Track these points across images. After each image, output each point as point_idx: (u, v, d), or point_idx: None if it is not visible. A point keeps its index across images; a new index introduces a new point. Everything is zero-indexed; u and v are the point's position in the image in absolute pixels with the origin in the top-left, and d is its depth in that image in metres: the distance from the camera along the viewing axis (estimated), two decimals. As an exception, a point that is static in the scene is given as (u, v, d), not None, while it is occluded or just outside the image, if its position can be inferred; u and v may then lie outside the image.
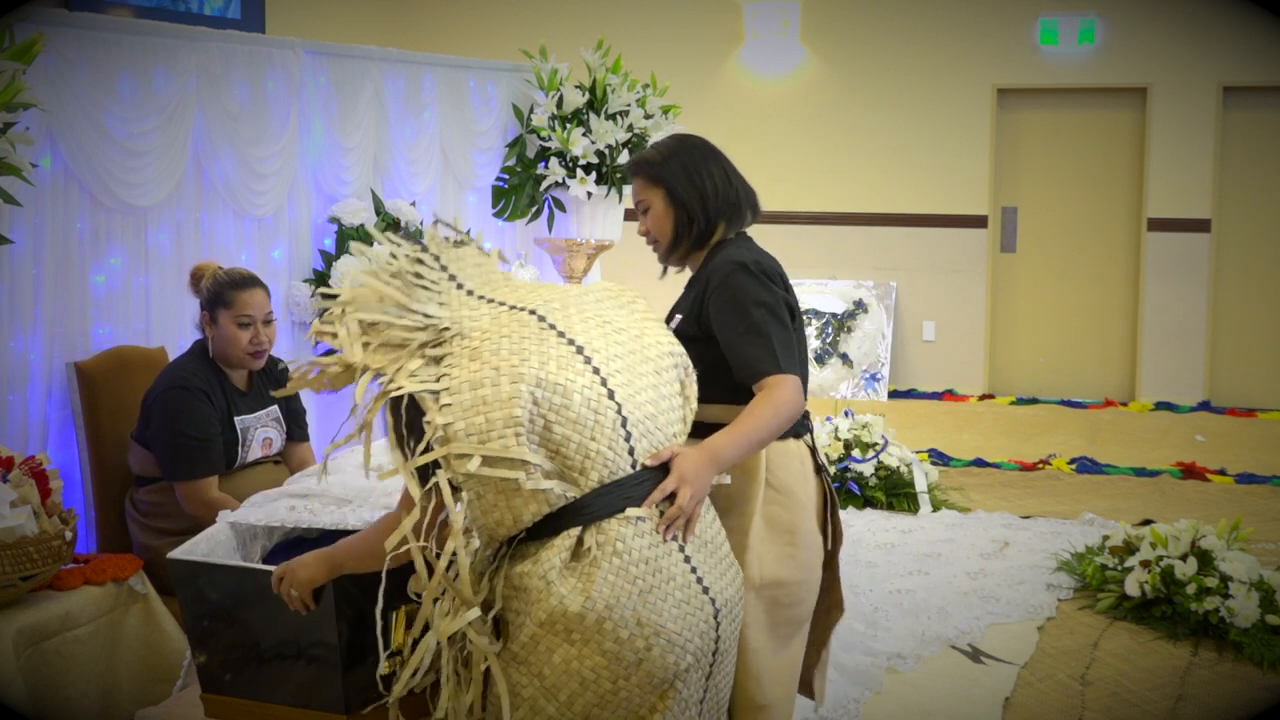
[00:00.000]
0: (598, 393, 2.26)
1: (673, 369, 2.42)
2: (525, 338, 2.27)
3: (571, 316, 2.36)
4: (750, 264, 2.68)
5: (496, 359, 2.23)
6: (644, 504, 2.27)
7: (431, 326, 2.30)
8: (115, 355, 3.99)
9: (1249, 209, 8.64)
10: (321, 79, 4.94)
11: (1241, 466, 6.98)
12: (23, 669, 2.98)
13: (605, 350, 2.32)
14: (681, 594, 2.26)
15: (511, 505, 2.21)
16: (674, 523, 2.29)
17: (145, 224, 4.17)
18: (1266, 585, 4.50)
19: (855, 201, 9.18)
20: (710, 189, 2.73)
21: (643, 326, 2.44)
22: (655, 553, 2.25)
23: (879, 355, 8.95)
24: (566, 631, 2.20)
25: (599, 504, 2.24)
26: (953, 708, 3.99)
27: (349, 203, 5.01)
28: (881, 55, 9.05)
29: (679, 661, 2.25)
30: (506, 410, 2.18)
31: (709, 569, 2.32)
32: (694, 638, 2.26)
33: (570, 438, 2.22)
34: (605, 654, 2.20)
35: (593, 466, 2.24)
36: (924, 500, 6.06)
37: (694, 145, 2.79)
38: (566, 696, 2.21)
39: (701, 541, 2.34)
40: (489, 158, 6.01)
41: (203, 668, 2.64)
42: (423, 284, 2.36)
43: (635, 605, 2.20)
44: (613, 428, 2.26)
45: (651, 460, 2.30)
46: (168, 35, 4.22)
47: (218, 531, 2.92)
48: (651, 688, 2.23)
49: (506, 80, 6.13)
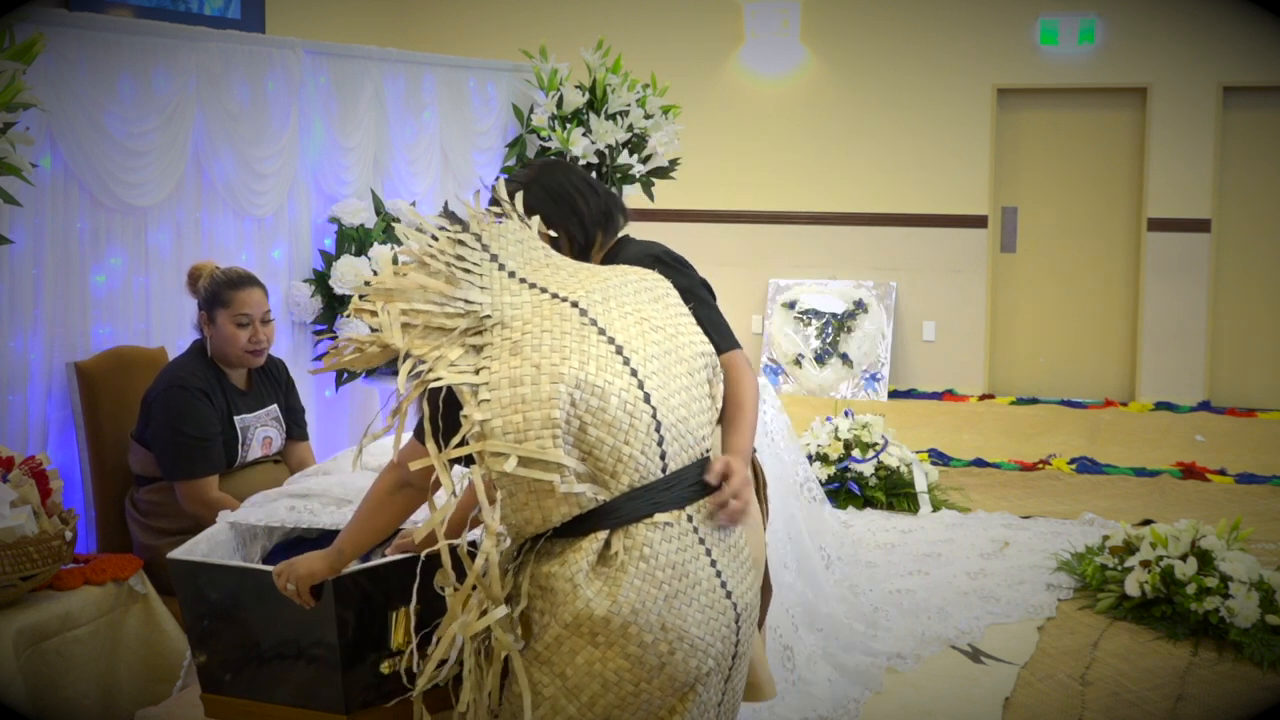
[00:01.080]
0: (634, 395, 2.25)
1: (704, 369, 2.41)
2: (566, 333, 2.26)
3: (612, 310, 2.34)
4: (662, 254, 2.73)
5: (538, 355, 2.22)
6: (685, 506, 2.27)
7: (473, 313, 2.29)
8: (115, 355, 3.99)
9: (1249, 209, 8.64)
10: (321, 79, 4.94)
11: (1241, 466, 6.98)
12: (23, 669, 2.98)
13: (643, 350, 2.31)
14: (706, 599, 2.26)
15: (543, 505, 2.20)
16: (726, 506, 2.29)
17: (145, 224, 4.16)
18: (1266, 585, 4.51)
19: (855, 201, 9.18)
20: (581, 205, 2.73)
21: (678, 324, 2.43)
22: (682, 557, 2.25)
23: (879, 355, 8.95)
24: (591, 634, 2.20)
25: (628, 508, 2.23)
26: (953, 708, 3.99)
27: (349, 203, 5.01)
28: (881, 55, 9.05)
29: (701, 665, 2.25)
30: (545, 411, 2.17)
31: (732, 573, 2.32)
32: (716, 642, 2.27)
33: (604, 440, 2.21)
34: (629, 657, 2.20)
35: (624, 470, 2.23)
36: (924, 500, 6.06)
37: (553, 166, 2.80)
38: (588, 697, 2.21)
39: (726, 545, 2.34)
40: (489, 158, 6.01)
41: (203, 668, 2.64)
42: (464, 266, 2.34)
43: (660, 610, 2.20)
44: (646, 432, 2.25)
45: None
46: (168, 35, 4.21)
47: (218, 531, 2.92)
48: (673, 691, 2.24)
49: (506, 80, 6.13)
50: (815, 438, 6.25)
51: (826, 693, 4.02)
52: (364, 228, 4.96)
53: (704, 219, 9.37)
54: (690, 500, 2.30)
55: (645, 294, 2.43)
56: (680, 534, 2.26)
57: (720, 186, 9.35)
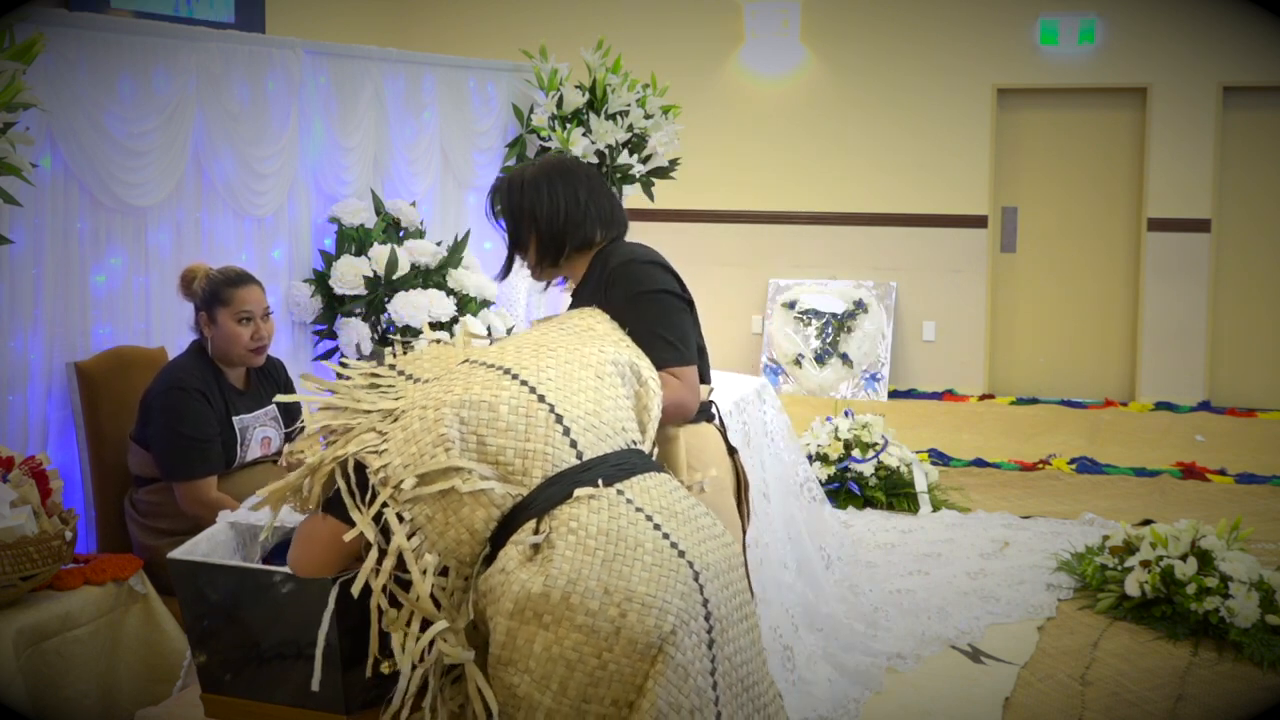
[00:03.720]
0: (526, 400, 2.36)
1: (616, 375, 2.51)
2: (454, 377, 2.42)
3: (505, 351, 2.50)
4: (630, 259, 2.83)
5: (425, 401, 2.38)
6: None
7: (383, 411, 2.43)
8: (115, 355, 3.99)
9: (1249, 209, 8.64)
10: (321, 79, 4.94)
11: (1241, 466, 6.98)
12: (23, 669, 2.98)
13: (534, 366, 2.44)
14: (652, 558, 2.26)
15: (460, 517, 2.27)
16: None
17: (145, 224, 4.16)
18: (1266, 585, 4.51)
19: (855, 201, 9.18)
20: (542, 222, 2.85)
21: (581, 341, 2.56)
22: (616, 524, 2.27)
23: (879, 355, 8.95)
24: (537, 616, 2.20)
25: (545, 495, 2.29)
26: (953, 708, 3.99)
27: (349, 203, 5.01)
28: (881, 55, 9.05)
29: (660, 624, 2.21)
30: (434, 432, 2.31)
31: (683, 536, 2.33)
32: (673, 599, 2.23)
33: (505, 446, 2.31)
34: (580, 629, 2.19)
35: (534, 465, 2.31)
36: (924, 500, 6.06)
37: (521, 185, 2.90)
38: (558, 684, 2.20)
39: (672, 513, 2.35)
40: (489, 158, 6.01)
41: (203, 668, 2.64)
42: (379, 390, 2.50)
43: (599, 574, 2.21)
44: (547, 425, 2.34)
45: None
46: (168, 35, 4.21)
47: (218, 531, 2.92)
48: (638, 655, 2.20)
49: (506, 80, 6.13)
50: (815, 438, 6.25)
51: (826, 693, 4.03)
52: (364, 228, 4.96)
53: (704, 219, 9.37)
54: (616, 479, 2.34)
55: (556, 331, 2.60)
56: (610, 505, 2.29)
57: (720, 186, 9.35)
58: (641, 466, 2.40)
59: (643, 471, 2.39)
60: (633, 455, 2.41)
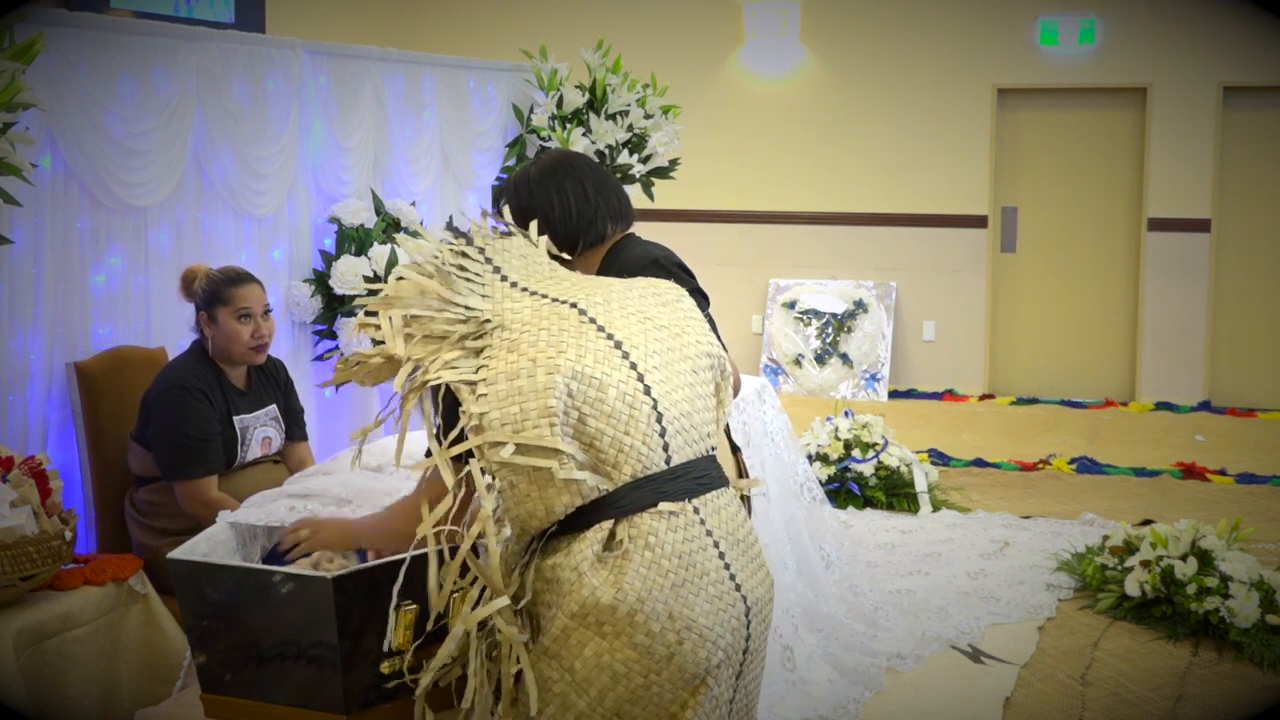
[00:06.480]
0: (633, 387, 2.26)
1: (709, 369, 2.42)
2: (564, 330, 2.29)
3: (613, 311, 2.37)
4: (662, 258, 2.82)
5: (534, 350, 2.25)
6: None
7: (473, 319, 2.32)
8: (115, 355, 3.99)
9: (1249, 209, 8.64)
10: (321, 79, 4.94)
11: (1241, 466, 6.98)
12: (23, 669, 2.98)
13: (644, 346, 2.33)
14: (714, 590, 2.25)
15: (544, 495, 2.21)
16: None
17: (145, 224, 4.16)
18: (1266, 585, 4.51)
19: (855, 201, 9.18)
20: (559, 212, 2.84)
21: (684, 324, 2.44)
22: (689, 547, 2.25)
23: (879, 355, 8.95)
24: (598, 624, 2.19)
25: (631, 498, 2.24)
26: (953, 708, 3.99)
27: (349, 203, 5.01)
28: (881, 55, 9.05)
29: (710, 657, 2.23)
30: (541, 400, 2.19)
31: (741, 567, 2.32)
32: (725, 634, 2.25)
33: (604, 431, 2.23)
34: (637, 647, 2.19)
35: (626, 461, 2.24)
36: (924, 500, 6.06)
37: (529, 182, 2.88)
38: (598, 691, 2.20)
39: (735, 540, 2.34)
40: (489, 158, 6.01)
41: (203, 668, 2.64)
42: (466, 276, 2.37)
43: (668, 599, 2.20)
44: (647, 423, 2.26)
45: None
46: (168, 35, 4.21)
47: (218, 531, 2.92)
48: (683, 683, 2.23)
49: (506, 80, 6.13)
50: (815, 438, 6.25)
51: (826, 693, 4.03)
52: (364, 228, 4.96)
53: (704, 219, 9.37)
54: (696, 493, 2.30)
55: (652, 298, 2.45)
56: (686, 524, 2.26)
57: (720, 186, 9.35)
58: (717, 481, 2.37)
59: (717, 488, 2.36)
60: (710, 466, 2.37)
